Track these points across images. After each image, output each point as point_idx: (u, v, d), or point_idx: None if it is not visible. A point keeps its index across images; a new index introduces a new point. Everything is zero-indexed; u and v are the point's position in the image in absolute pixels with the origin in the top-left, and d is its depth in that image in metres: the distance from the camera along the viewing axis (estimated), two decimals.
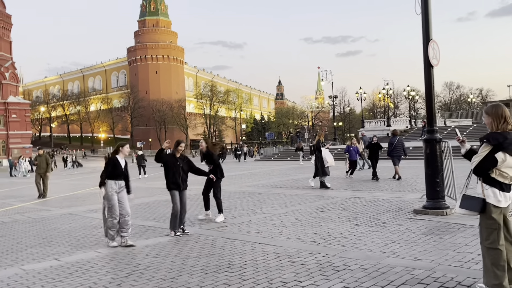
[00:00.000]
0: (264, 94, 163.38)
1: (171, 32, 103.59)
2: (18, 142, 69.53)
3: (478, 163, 3.64)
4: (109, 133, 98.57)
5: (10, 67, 70.73)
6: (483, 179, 3.67)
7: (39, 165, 14.89)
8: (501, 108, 3.77)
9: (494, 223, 3.62)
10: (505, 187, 3.64)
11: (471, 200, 3.73)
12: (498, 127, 3.70)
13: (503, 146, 3.58)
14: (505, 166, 3.60)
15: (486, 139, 3.65)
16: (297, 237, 6.34)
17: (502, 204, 3.63)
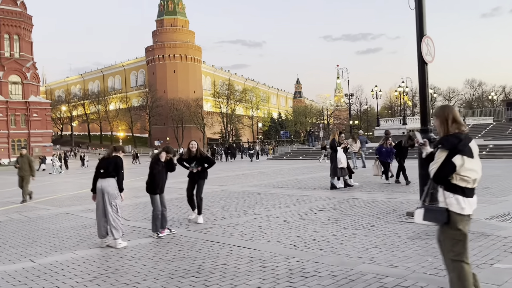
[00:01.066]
0: (282, 92, 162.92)
1: (189, 31, 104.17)
2: (39, 140, 71.13)
3: (437, 170, 3.32)
4: (127, 132, 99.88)
5: (31, 67, 72.36)
6: (445, 187, 3.34)
7: (21, 167, 13.31)
8: (448, 109, 3.51)
9: (459, 233, 3.30)
10: (468, 192, 3.33)
11: (434, 212, 3.38)
12: (448, 130, 3.42)
13: (458, 149, 3.29)
14: (464, 170, 3.30)
15: (440, 144, 3.36)
16: (278, 240, 6.17)
17: (466, 211, 3.31)
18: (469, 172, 3.29)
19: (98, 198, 6.36)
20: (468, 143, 3.38)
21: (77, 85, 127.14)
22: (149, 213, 9.19)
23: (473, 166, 3.35)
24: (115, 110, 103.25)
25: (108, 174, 6.40)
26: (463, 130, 3.39)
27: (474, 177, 3.34)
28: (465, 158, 3.30)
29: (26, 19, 72.61)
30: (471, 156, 3.35)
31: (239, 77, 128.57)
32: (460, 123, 3.40)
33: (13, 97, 69.59)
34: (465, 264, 3.31)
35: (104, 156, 6.62)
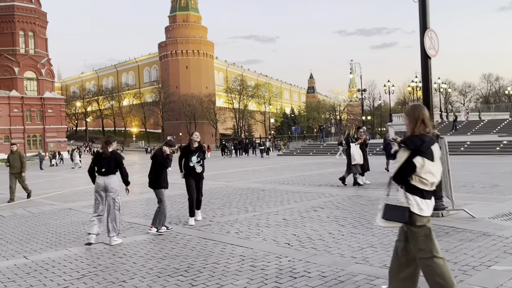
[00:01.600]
0: (295, 87, 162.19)
1: (201, 26, 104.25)
2: (54, 136, 72.19)
3: (397, 170, 3.30)
4: (141, 127, 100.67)
5: (46, 64, 73.35)
6: (405, 187, 3.32)
7: (12, 164, 12.55)
8: (419, 109, 3.43)
9: (421, 230, 3.27)
10: (426, 194, 3.30)
11: (395, 210, 3.36)
12: (414, 130, 3.37)
13: (420, 150, 3.25)
14: (424, 172, 3.26)
15: (403, 144, 3.32)
16: (274, 238, 6.07)
17: (425, 213, 3.28)
18: (428, 175, 3.26)
19: (101, 195, 6.26)
20: (431, 145, 3.36)
21: (92, 81, 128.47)
22: (150, 209, 9.22)
23: (432, 169, 3.32)
24: (129, 105, 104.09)
25: (110, 172, 6.32)
26: (429, 132, 3.33)
27: (432, 180, 3.31)
28: (426, 160, 3.27)
29: (41, 15, 73.57)
30: (431, 159, 3.32)
31: (251, 73, 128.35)
32: (427, 124, 3.34)
33: (28, 93, 70.72)
34: (439, 259, 3.25)
35: (99, 152, 6.42)
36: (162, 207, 6.96)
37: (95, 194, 6.30)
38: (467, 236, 5.65)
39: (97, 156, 6.41)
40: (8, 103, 68.08)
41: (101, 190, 6.20)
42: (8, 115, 68.18)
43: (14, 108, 68.79)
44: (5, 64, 68.47)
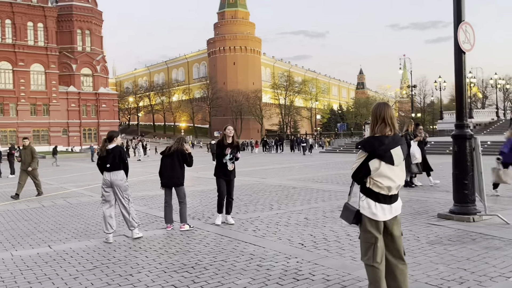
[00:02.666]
0: (344, 83, 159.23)
1: (249, 23, 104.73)
2: (107, 130, 75.12)
3: (355, 170, 3.19)
4: (189, 122, 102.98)
5: (101, 61, 76.72)
6: (361, 188, 3.21)
7: (23, 160, 11.98)
8: (381, 108, 3.23)
9: (370, 237, 3.15)
10: (382, 198, 3.13)
11: (347, 210, 3.30)
12: (374, 130, 3.18)
13: (377, 153, 3.09)
14: (378, 175, 3.10)
15: (361, 145, 3.17)
16: (289, 238, 5.97)
17: (379, 218, 3.13)
18: (382, 179, 3.10)
19: (107, 191, 6.31)
20: (392, 148, 3.12)
21: (144, 77, 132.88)
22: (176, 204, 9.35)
23: (389, 173, 3.13)
24: (178, 101, 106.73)
25: (116, 167, 6.32)
26: (389, 133, 3.15)
27: (388, 185, 3.13)
28: (382, 163, 3.11)
29: (97, 14, 76.92)
30: (390, 162, 3.14)
31: (299, 68, 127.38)
32: (388, 124, 3.15)
33: (84, 88, 74.33)
34: (376, 269, 3.14)
35: (103, 148, 6.36)
36: (185, 203, 7.08)
37: (101, 190, 6.39)
38: (495, 244, 5.27)
39: (102, 152, 6.40)
40: (66, 98, 71.91)
41: (107, 186, 6.29)
42: (66, 110, 72.02)
43: (71, 103, 72.55)
44: (64, 61, 72.31)
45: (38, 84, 69.74)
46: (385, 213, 3.15)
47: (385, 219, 3.17)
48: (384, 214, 3.14)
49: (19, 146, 52.18)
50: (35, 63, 69.13)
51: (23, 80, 67.84)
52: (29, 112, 68.54)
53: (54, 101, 70.32)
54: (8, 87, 66.77)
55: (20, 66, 67.60)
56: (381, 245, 3.17)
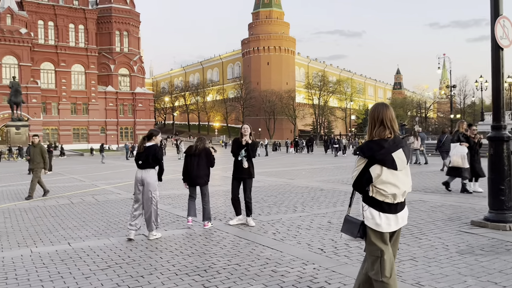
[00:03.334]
0: (380, 83, 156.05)
1: (283, 22, 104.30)
2: (143, 128, 77.04)
3: (356, 179, 2.92)
4: (222, 122, 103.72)
5: (138, 61, 78.54)
6: (363, 198, 2.95)
7: (32, 158, 11.29)
8: (379, 109, 2.95)
9: (375, 250, 2.89)
10: (386, 207, 2.86)
11: (350, 223, 3.03)
12: (372, 134, 2.92)
13: (377, 158, 2.82)
14: (381, 182, 2.83)
15: (358, 150, 2.91)
16: (309, 242, 5.74)
17: (383, 228, 2.86)
18: (385, 186, 2.83)
19: (138, 190, 6.29)
20: (393, 151, 2.84)
21: (179, 78, 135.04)
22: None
23: (392, 179, 2.85)
24: (212, 101, 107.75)
25: (148, 165, 6.32)
26: (388, 136, 2.88)
27: (392, 192, 2.85)
28: (384, 169, 2.84)
29: (135, 16, 78.81)
30: (393, 167, 2.85)
31: (334, 68, 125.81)
32: (387, 127, 2.88)
33: (122, 88, 76.34)
34: (385, 284, 2.88)
35: (141, 145, 6.36)
36: (209, 201, 7.08)
37: (134, 187, 6.37)
38: None
39: (137, 149, 6.44)
40: (104, 97, 74.11)
41: (139, 183, 6.28)
42: (104, 109, 74.21)
43: (109, 102, 74.69)
44: (103, 62, 74.55)
45: (79, 84, 72.25)
46: (390, 224, 2.89)
47: (390, 230, 2.92)
48: (388, 225, 2.89)
49: (58, 143, 53.72)
50: (76, 63, 71.69)
51: (64, 80, 70.48)
52: (70, 111, 71.12)
53: (93, 100, 72.65)
54: (50, 87, 69.52)
55: (62, 67, 70.25)
56: (389, 258, 2.91)
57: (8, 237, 6.51)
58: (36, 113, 64.53)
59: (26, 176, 19.09)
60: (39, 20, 68.71)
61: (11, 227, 7.36)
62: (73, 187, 13.88)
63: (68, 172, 21.01)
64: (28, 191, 11.13)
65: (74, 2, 71.36)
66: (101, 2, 75.48)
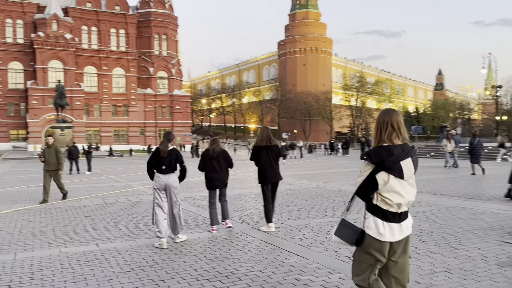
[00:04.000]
0: (421, 84, 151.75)
1: (320, 23, 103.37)
2: (180, 130, 78.52)
3: (360, 185, 2.78)
4: (258, 124, 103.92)
5: (176, 64, 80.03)
6: (366, 205, 2.82)
7: (47, 160, 10.68)
8: (388, 114, 2.81)
9: (370, 258, 2.77)
10: (390, 216, 2.72)
11: (347, 229, 2.89)
12: (380, 139, 2.77)
13: (385, 165, 2.67)
14: (387, 190, 2.69)
15: (366, 156, 2.75)
16: (336, 249, 5.52)
17: (386, 238, 2.72)
18: (391, 194, 2.69)
19: (162, 195, 6.19)
20: (401, 160, 2.68)
21: (216, 80, 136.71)
22: (235, 206, 9.25)
23: (398, 188, 2.71)
24: (248, 103, 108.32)
25: (171, 170, 6.26)
26: (397, 143, 2.74)
27: (397, 201, 2.70)
28: (391, 177, 2.69)
29: (173, 20, 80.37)
30: (400, 176, 2.70)
31: (372, 69, 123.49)
32: (397, 133, 2.75)
33: (160, 91, 78.04)
34: (371, 286, 2.80)
35: (161, 149, 6.24)
36: (227, 200, 7.21)
37: (155, 192, 6.22)
38: None
39: (157, 153, 6.28)
40: (144, 100, 76.00)
41: (162, 188, 6.19)
42: (144, 111, 76.10)
43: (148, 104, 76.51)
44: (142, 65, 76.51)
45: (119, 86, 74.47)
46: (393, 233, 2.75)
47: (393, 240, 2.77)
48: (392, 235, 2.75)
49: (95, 144, 55.22)
50: (117, 67, 73.95)
51: (106, 83, 72.85)
52: (111, 113, 73.39)
53: (133, 102, 74.67)
54: (93, 90, 72.03)
55: (104, 70, 72.65)
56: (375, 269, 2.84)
57: (41, 237, 6.68)
58: (80, 115, 67.05)
59: (67, 175, 19.79)
60: (82, 26, 71.37)
61: (45, 226, 7.56)
62: (109, 187, 14.20)
63: (106, 173, 21.59)
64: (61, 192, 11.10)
65: (116, 8, 73.64)
66: (141, 6, 77.50)
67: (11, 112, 66.67)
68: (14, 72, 67.00)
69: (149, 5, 76.87)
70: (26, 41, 66.40)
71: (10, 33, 66.17)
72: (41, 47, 64.40)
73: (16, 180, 17.45)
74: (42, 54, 64.67)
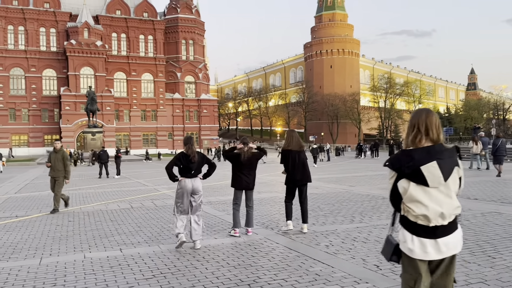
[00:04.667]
0: (452, 84, 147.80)
1: (347, 25, 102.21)
2: (208, 134, 79.27)
3: (390, 194, 2.55)
4: (284, 126, 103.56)
5: (203, 68, 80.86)
6: (399, 216, 2.54)
7: (53, 166, 9.92)
8: (416, 117, 2.54)
9: (408, 279, 2.47)
10: (421, 230, 2.40)
11: (387, 244, 2.59)
12: (407, 142, 2.52)
13: (404, 172, 2.40)
14: (409, 200, 2.40)
15: (388, 162, 2.51)
16: (364, 257, 5.30)
17: (416, 255, 2.40)
18: (414, 204, 2.38)
19: (185, 199, 6.15)
20: (423, 164, 2.38)
21: (243, 83, 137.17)
22: (261, 210, 9.13)
23: (422, 197, 2.37)
24: (274, 106, 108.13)
25: (197, 174, 6.26)
26: (423, 145, 2.45)
27: (421, 213, 2.37)
28: (411, 184, 2.39)
29: (199, 25, 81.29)
30: (423, 183, 2.37)
31: (401, 70, 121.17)
32: (423, 135, 2.46)
33: (187, 95, 78.98)
34: None
35: (187, 153, 6.17)
36: (253, 206, 7.11)
37: (182, 195, 6.17)
38: None
39: (185, 157, 6.21)
40: (172, 104, 77.10)
41: (188, 192, 6.13)
42: (172, 115, 77.18)
43: (176, 109, 77.57)
44: (170, 70, 77.69)
45: (148, 92, 75.83)
46: (426, 250, 2.40)
47: (426, 259, 2.42)
48: (424, 252, 2.40)
49: (123, 148, 55.97)
50: (145, 72, 75.36)
51: (135, 89, 74.32)
52: (140, 117, 74.78)
53: (161, 107, 75.86)
54: (122, 95, 73.61)
55: (133, 76, 74.17)
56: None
57: (67, 241, 6.75)
58: (110, 120, 68.61)
59: (97, 180, 20.16)
60: (112, 33, 73.14)
61: (72, 230, 7.65)
62: (136, 191, 14.34)
63: (134, 177, 21.90)
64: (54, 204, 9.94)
65: (144, 14, 75.11)
66: (168, 12, 78.72)
67: (45, 118, 68.92)
68: (48, 79, 69.30)
69: (176, 11, 77.99)
70: (59, 49, 68.61)
71: (43, 42, 68.51)
72: (73, 55, 66.36)
73: (47, 185, 17.89)
74: (74, 61, 66.63)
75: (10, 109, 66.84)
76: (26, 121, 67.80)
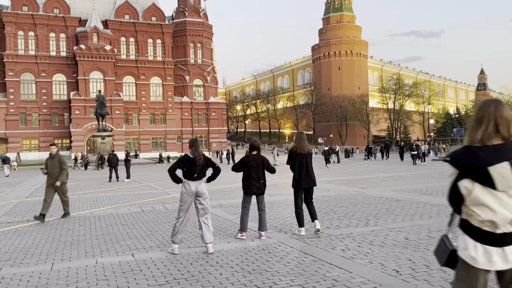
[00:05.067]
0: (462, 85, 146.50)
1: (355, 26, 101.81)
2: (216, 137, 79.30)
3: (448, 193, 2.28)
4: (293, 129, 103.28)
5: (211, 72, 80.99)
6: (459, 219, 2.27)
7: (50, 172, 9.43)
8: (487, 106, 2.23)
9: (460, 286, 2.23)
10: (486, 236, 2.13)
11: (442, 246, 2.34)
12: (471, 137, 2.20)
13: (469, 171, 2.13)
14: (473, 203, 2.14)
15: (450, 158, 2.22)
16: (382, 262, 5.15)
17: (480, 264, 2.13)
18: (480, 208, 2.12)
19: (188, 202, 6.07)
20: (492, 164, 2.10)
21: (251, 86, 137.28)
22: (272, 213, 9.00)
23: (490, 201, 2.10)
24: (283, 108, 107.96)
25: (202, 176, 6.15)
26: (493, 142, 2.16)
27: (487, 218, 2.11)
28: (476, 185, 2.12)
29: (207, 28, 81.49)
30: (489, 185, 2.10)
31: (410, 71, 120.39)
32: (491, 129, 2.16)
33: (196, 98, 79.13)
34: None
35: (192, 157, 6.05)
36: (265, 209, 7.03)
37: (186, 198, 6.06)
38: None
39: (189, 160, 6.08)
40: (180, 107, 77.28)
41: (191, 195, 6.04)
42: (180, 118, 77.35)
43: (184, 112, 77.73)
44: (178, 74, 77.93)
45: (157, 95, 76.10)
46: (491, 260, 2.12)
47: (491, 268, 2.16)
48: (489, 261, 2.13)
49: (132, 151, 55.72)
50: (154, 76, 75.66)
51: (144, 92, 74.65)
52: (149, 121, 75.05)
53: (170, 110, 76.07)
54: (131, 99, 73.96)
55: (142, 80, 74.49)
56: None
57: (78, 246, 6.67)
58: (119, 124, 68.93)
59: (107, 183, 20.18)
60: (121, 37, 73.56)
61: (83, 235, 7.58)
62: (146, 195, 14.29)
63: (144, 180, 21.89)
64: (63, 209, 9.84)
65: (152, 18, 75.48)
66: (176, 16, 79.03)
67: (55, 122, 69.47)
68: (58, 84, 69.86)
69: (184, 15, 78.26)
70: (69, 53, 69.17)
71: (53, 47, 69.12)
72: (82, 59, 66.86)
73: None
74: (84, 65, 67.11)
75: (21, 114, 67.46)
76: (36, 125, 68.37)
